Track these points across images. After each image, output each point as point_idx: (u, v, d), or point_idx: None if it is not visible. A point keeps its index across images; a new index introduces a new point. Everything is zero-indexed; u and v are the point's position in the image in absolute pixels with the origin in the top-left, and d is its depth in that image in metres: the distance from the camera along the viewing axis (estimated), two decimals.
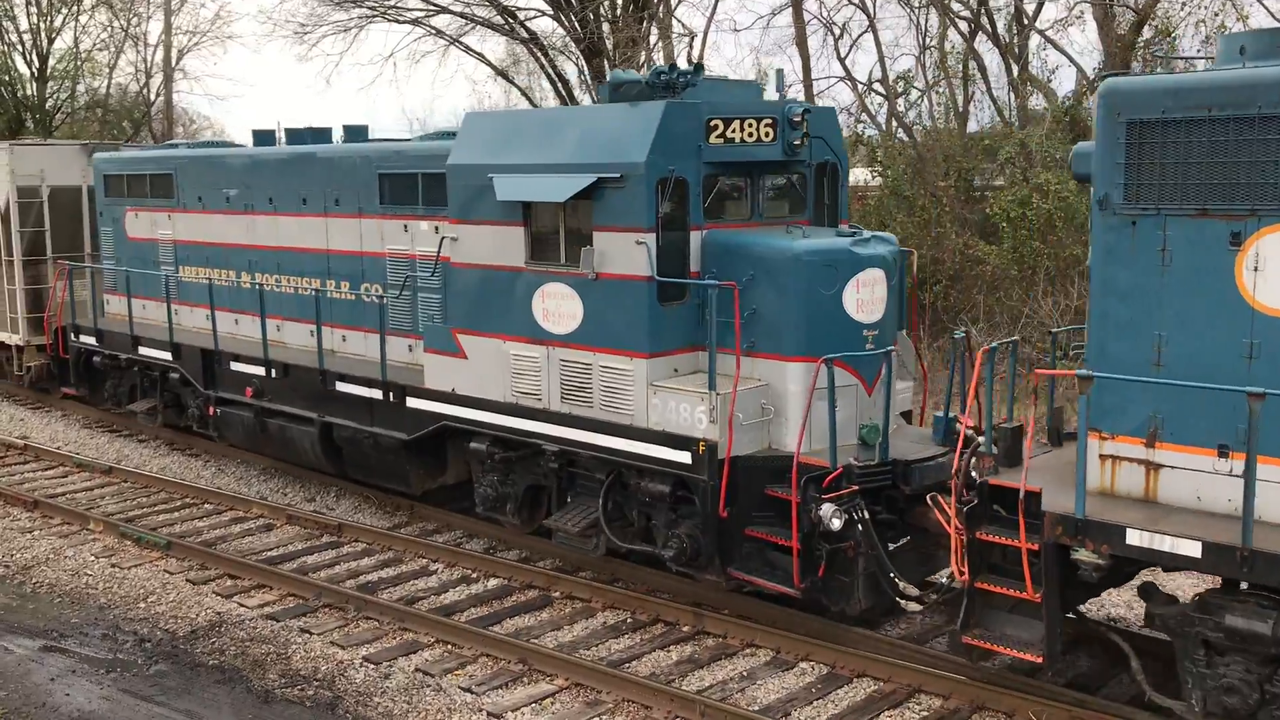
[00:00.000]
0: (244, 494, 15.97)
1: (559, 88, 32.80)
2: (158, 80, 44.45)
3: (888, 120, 28.43)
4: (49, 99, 44.19)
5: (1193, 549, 7.86)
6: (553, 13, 31.08)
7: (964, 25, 27.90)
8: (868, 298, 10.84)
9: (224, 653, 10.84)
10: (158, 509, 15.44)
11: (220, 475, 17.12)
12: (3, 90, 42.74)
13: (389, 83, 52.12)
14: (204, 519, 15.01)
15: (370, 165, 14.54)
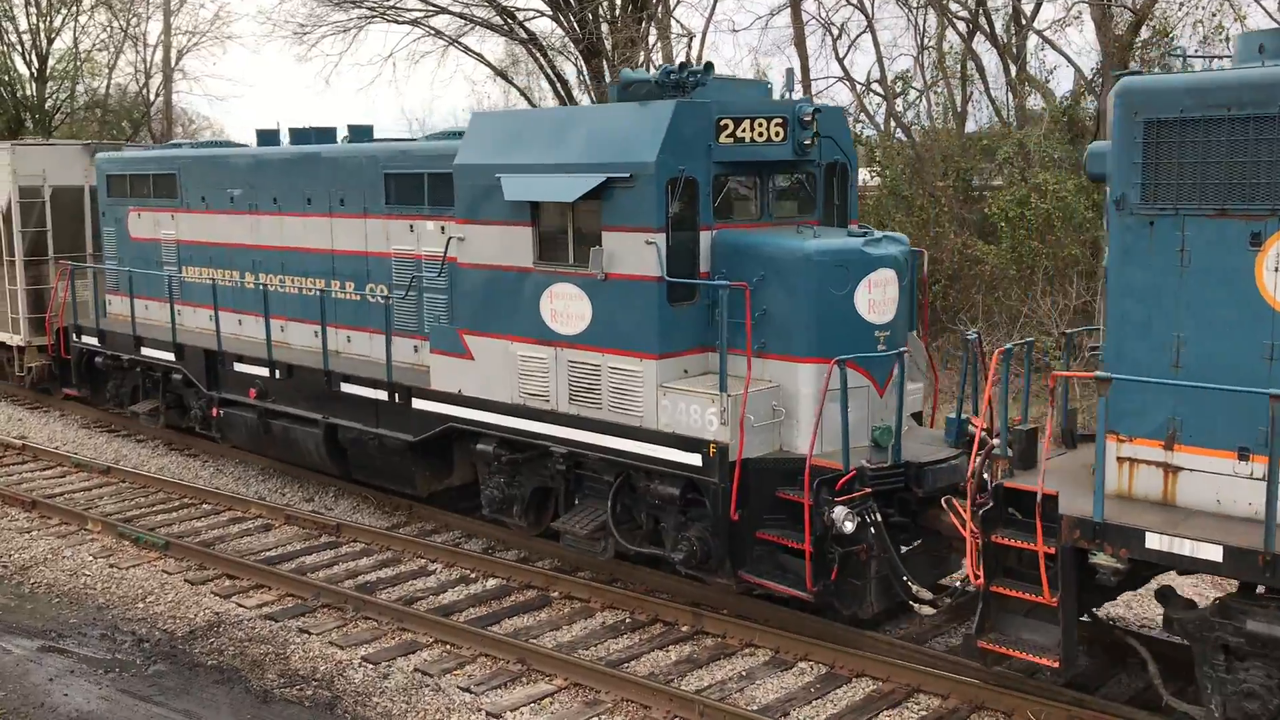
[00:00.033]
0: (242, 494, 15.92)
1: (558, 88, 32.77)
2: (157, 80, 44.44)
3: (886, 120, 28.41)
4: (48, 99, 44.07)
5: (1214, 553, 7.79)
6: (551, 13, 31.03)
7: (962, 25, 27.88)
8: (879, 298, 10.77)
9: (222, 653, 10.81)
10: (156, 509, 15.39)
11: (219, 475, 17.05)
12: (2, 90, 42.62)
13: (388, 83, 52.24)
14: (202, 519, 14.96)
15: (376, 165, 14.46)
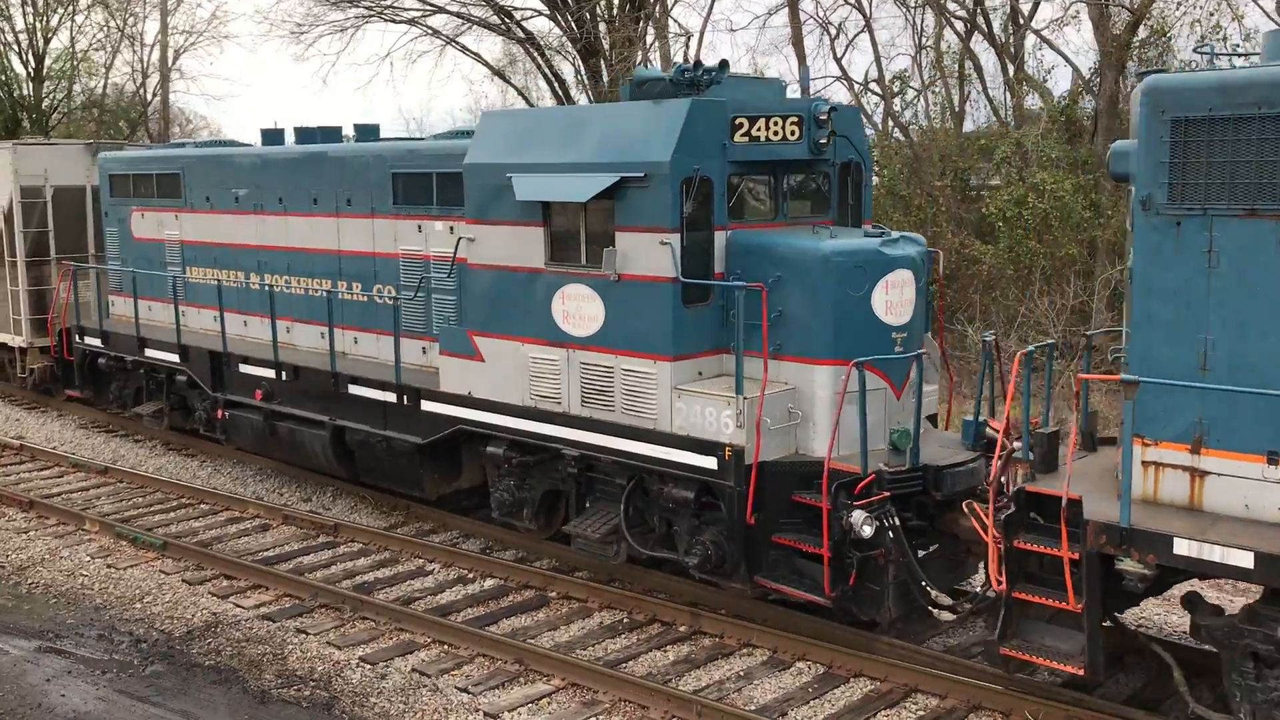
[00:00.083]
0: (240, 494, 15.82)
1: (555, 88, 32.68)
2: (154, 80, 44.22)
3: (884, 120, 28.38)
4: (45, 99, 43.87)
5: (1244, 559, 7.68)
6: (549, 13, 30.97)
7: (960, 25, 27.89)
8: (897, 299, 10.65)
9: (220, 653, 10.74)
10: (154, 509, 15.29)
11: (216, 475, 16.94)
12: None
13: (385, 82, 51.95)
14: (200, 519, 14.86)
15: (384, 164, 14.31)
